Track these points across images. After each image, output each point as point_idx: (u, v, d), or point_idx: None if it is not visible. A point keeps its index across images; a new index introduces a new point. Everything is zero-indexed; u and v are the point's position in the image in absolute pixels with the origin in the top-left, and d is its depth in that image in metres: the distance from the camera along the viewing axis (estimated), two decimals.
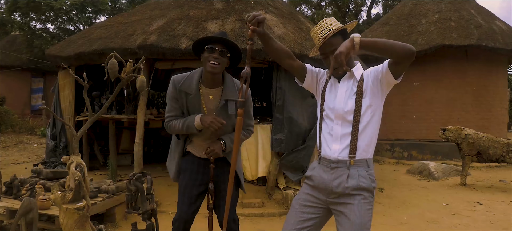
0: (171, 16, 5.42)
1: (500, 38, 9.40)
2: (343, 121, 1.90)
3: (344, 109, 1.90)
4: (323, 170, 1.94)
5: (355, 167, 1.87)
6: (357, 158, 1.88)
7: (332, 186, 1.89)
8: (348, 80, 1.95)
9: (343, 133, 1.89)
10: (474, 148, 6.63)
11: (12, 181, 3.99)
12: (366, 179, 1.87)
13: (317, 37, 1.97)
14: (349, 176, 1.86)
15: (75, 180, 2.88)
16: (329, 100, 1.97)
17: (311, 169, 2.05)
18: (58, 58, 5.72)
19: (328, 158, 1.93)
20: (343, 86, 1.94)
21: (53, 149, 5.83)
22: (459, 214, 5.00)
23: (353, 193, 1.85)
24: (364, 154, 1.89)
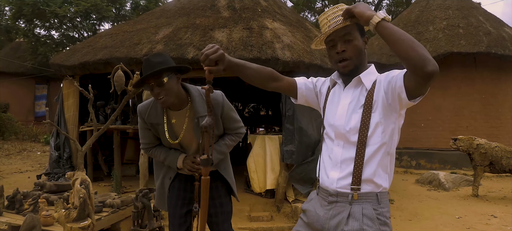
0: (178, 24, 5.33)
1: (510, 45, 9.27)
2: (345, 142, 1.49)
3: (345, 127, 1.49)
4: (320, 203, 1.56)
5: (359, 203, 1.44)
6: (363, 191, 1.45)
7: (329, 226, 1.49)
8: (355, 89, 1.53)
9: (344, 158, 1.48)
10: (486, 158, 6.47)
11: (14, 195, 3.88)
12: (373, 221, 1.42)
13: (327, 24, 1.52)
14: (350, 215, 1.44)
15: (80, 197, 2.77)
16: (330, 115, 1.58)
17: (308, 200, 1.67)
18: (62, 68, 5.63)
19: (326, 189, 1.53)
20: (347, 97, 1.53)
21: (56, 159, 5.72)
22: (474, 228, 4.84)
23: None
24: (373, 186, 1.46)
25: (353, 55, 1.50)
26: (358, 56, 1.51)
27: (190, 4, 6.09)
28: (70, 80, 5.72)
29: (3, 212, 3.72)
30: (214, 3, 6.01)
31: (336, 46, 1.51)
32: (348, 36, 1.49)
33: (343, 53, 1.49)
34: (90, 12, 16.98)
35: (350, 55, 1.49)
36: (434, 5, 10.75)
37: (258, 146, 5.05)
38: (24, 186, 6.63)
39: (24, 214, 3.71)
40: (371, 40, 11.71)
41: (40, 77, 18.45)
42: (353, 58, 1.50)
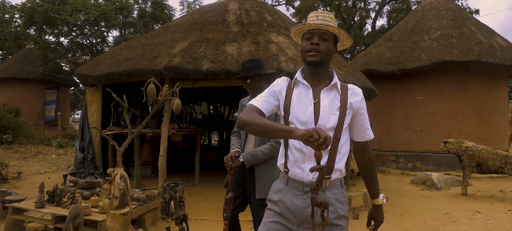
0: (192, 39, 5.93)
1: (499, 54, 9.81)
2: None
3: (326, 125, 1.68)
4: (293, 193, 1.71)
5: (330, 190, 1.69)
6: (333, 178, 1.70)
7: (306, 214, 1.66)
8: (330, 92, 1.75)
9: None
10: (474, 159, 7.02)
11: (54, 190, 4.46)
12: (343, 204, 1.72)
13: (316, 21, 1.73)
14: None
15: (120, 189, 3.35)
16: (300, 113, 1.72)
17: (276, 191, 1.80)
18: (88, 77, 6.24)
19: (299, 180, 1.70)
20: (325, 99, 1.73)
21: (81, 160, 6.31)
22: (459, 222, 5.39)
23: (332, 222, 1.68)
24: (339, 174, 1.73)
25: (324, 51, 1.72)
26: (326, 55, 1.74)
27: (202, 19, 6.70)
28: (94, 88, 6.34)
29: (45, 205, 4.30)
30: (224, 18, 6.61)
31: (313, 38, 1.72)
32: (326, 36, 1.72)
33: (317, 46, 1.71)
34: (99, 20, 17.54)
35: (321, 49, 1.72)
36: (430, 15, 11.32)
37: None
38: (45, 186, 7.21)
39: (64, 206, 4.29)
40: (369, 49, 12.29)
41: (49, 83, 19.06)
42: (322, 53, 1.72)
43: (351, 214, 5.56)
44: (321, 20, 1.72)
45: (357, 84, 6.00)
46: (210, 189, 6.34)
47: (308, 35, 1.74)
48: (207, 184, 6.77)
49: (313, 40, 1.72)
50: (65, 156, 12.29)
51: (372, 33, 23.00)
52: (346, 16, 22.81)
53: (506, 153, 6.99)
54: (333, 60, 6.31)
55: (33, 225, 4.15)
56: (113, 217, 3.28)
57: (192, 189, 6.34)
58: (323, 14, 1.75)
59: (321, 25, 1.70)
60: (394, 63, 10.42)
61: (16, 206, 4.35)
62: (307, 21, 1.78)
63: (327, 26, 1.71)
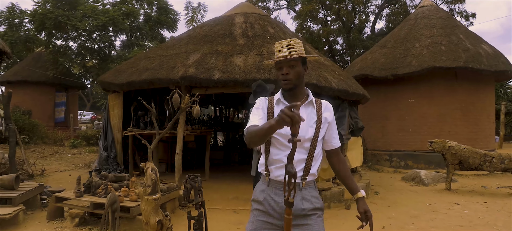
0: (204, 51, 6.71)
1: (485, 61, 10.57)
2: (300, 147, 1.93)
3: (305, 137, 1.93)
4: (274, 192, 1.97)
5: (306, 189, 1.97)
6: (308, 180, 1.98)
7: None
8: (307, 108, 2.00)
9: (299, 158, 1.94)
10: (456, 157, 7.79)
11: (90, 182, 5.25)
12: (318, 199, 2.00)
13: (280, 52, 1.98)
14: (303, 197, 1.95)
15: (152, 179, 4.13)
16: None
17: (260, 191, 2.04)
18: (111, 85, 7.03)
19: (280, 181, 1.94)
20: (303, 114, 1.94)
21: (105, 158, 7.10)
22: (438, 212, 6.16)
23: (309, 213, 1.95)
24: (313, 177, 2.00)
25: (294, 78, 1.96)
26: (297, 79, 1.97)
27: (211, 32, 7.48)
28: (116, 94, 7.12)
29: (83, 195, 5.08)
30: (231, 31, 7.39)
31: (282, 68, 1.97)
32: (293, 63, 1.96)
33: (287, 75, 1.96)
34: (108, 25, 18.27)
35: (291, 77, 1.96)
36: (421, 23, 12.08)
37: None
38: (69, 182, 7.98)
39: (99, 196, 5.08)
40: (365, 55, 13.06)
41: (59, 86, 19.83)
42: (293, 80, 1.96)
43: (343, 205, 6.34)
44: (285, 51, 1.96)
45: (349, 90, 6.77)
46: (219, 183, 7.12)
47: (278, 66, 2.00)
48: (216, 179, 7.55)
49: (282, 71, 1.98)
50: (80, 155, 13.08)
51: (371, 36, 23.60)
52: (346, 20, 23.46)
53: (485, 152, 7.75)
54: (328, 69, 7.10)
55: (74, 211, 4.93)
56: (147, 201, 4.06)
57: (203, 184, 7.02)
58: (286, 44, 1.98)
59: (285, 58, 1.95)
60: (388, 69, 11.19)
61: (59, 195, 5.14)
62: (275, 53, 2.03)
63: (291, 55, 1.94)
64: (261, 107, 2.04)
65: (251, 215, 2.06)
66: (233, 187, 6.69)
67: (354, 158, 7.98)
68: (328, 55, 22.48)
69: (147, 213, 4.10)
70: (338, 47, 24.89)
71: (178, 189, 5.74)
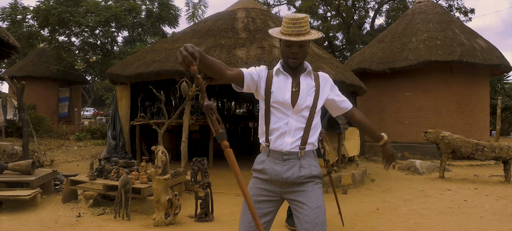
0: (208, 44, 7.04)
1: (479, 55, 10.89)
2: (298, 115, 1.98)
3: (303, 104, 1.97)
4: (274, 162, 1.99)
5: (305, 158, 1.99)
6: (307, 149, 2.00)
7: (286, 176, 1.96)
8: (307, 77, 2.04)
9: (297, 127, 1.98)
10: (449, 147, 8.12)
11: (102, 167, 5.59)
12: (316, 167, 2.01)
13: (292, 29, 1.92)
14: (301, 166, 1.97)
15: (162, 161, 4.48)
16: (279, 97, 1.98)
17: (259, 162, 2.07)
18: (119, 77, 7.37)
19: (279, 151, 1.98)
20: (304, 83, 2.01)
21: (114, 146, 7.44)
22: (430, 196, 6.50)
23: (306, 181, 1.97)
24: (311, 146, 2.02)
25: (302, 57, 1.99)
26: (304, 58, 2.01)
27: (214, 27, 7.81)
28: (123, 85, 7.45)
29: (96, 178, 5.42)
30: (233, 26, 7.72)
31: (292, 47, 1.94)
32: (303, 43, 1.94)
33: (296, 54, 1.96)
34: (110, 21, 18.53)
35: (300, 56, 1.98)
36: (418, 19, 12.39)
37: None
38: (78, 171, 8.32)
39: (111, 179, 5.42)
40: (363, 49, 13.38)
41: (63, 81, 20.15)
42: (301, 59, 1.99)
43: (340, 190, 6.68)
44: (297, 29, 1.90)
45: (347, 82, 7.10)
46: (222, 171, 7.46)
47: (288, 43, 1.95)
48: (219, 167, 7.89)
49: (292, 49, 1.95)
50: (85, 148, 13.44)
51: (371, 32, 23.84)
52: (345, 15, 23.70)
53: (477, 141, 8.09)
54: (326, 61, 7.43)
55: (88, 193, 5.28)
56: (158, 181, 4.41)
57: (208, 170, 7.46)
58: (299, 21, 1.91)
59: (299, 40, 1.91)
60: (385, 63, 11.52)
61: (74, 179, 5.49)
62: (283, 26, 1.95)
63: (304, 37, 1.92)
64: (258, 70, 2.03)
65: (250, 181, 2.09)
66: None
67: (352, 147, 8.34)
68: (328, 51, 22.73)
69: (158, 192, 4.45)
70: (338, 43, 25.16)
71: (185, 174, 6.08)
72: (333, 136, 7.10)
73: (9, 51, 9.68)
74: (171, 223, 4.50)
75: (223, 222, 4.71)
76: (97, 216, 4.85)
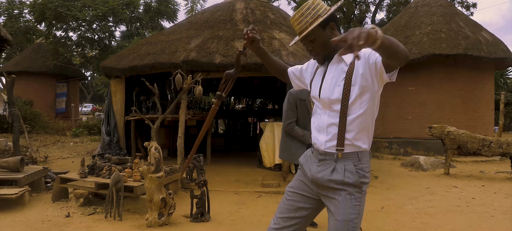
0: (205, 36, 6.77)
1: (485, 48, 10.61)
2: (330, 110, 1.77)
3: (330, 97, 1.76)
4: (312, 160, 1.86)
5: (342, 161, 1.74)
6: (346, 151, 1.73)
7: (317, 177, 1.79)
8: (337, 65, 1.78)
9: (329, 123, 1.77)
10: (455, 142, 7.86)
11: (94, 164, 5.34)
12: (353, 174, 1.72)
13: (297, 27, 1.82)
14: (334, 169, 1.74)
15: (155, 158, 4.22)
16: (314, 88, 1.87)
17: (304, 155, 1.98)
18: (113, 70, 7.10)
19: (317, 149, 1.83)
20: (330, 72, 1.79)
21: (108, 142, 7.19)
22: (436, 194, 6.25)
23: (338, 187, 1.73)
24: (354, 147, 1.74)
25: (319, 50, 1.81)
26: (324, 49, 1.79)
27: (212, 18, 7.53)
28: (118, 79, 7.19)
29: (87, 175, 5.17)
30: (232, 17, 7.44)
31: (306, 45, 1.86)
32: (311, 37, 1.77)
33: (311, 51, 1.84)
34: (107, 15, 18.26)
35: (316, 51, 1.82)
36: (422, 11, 12.09)
37: (268, 131, 6.51)
38: (72, 167, 8.09)
39: (103, 177, 5.17)
40: None
41: (60, 76, 19.87)
42: (320, 52, 1.81)
43: None
44: (299, 28, 1.80)
45: None
46: (221, 167, 7.23)
47: (303, 41, 1.85)
48: (217, 164, 7.65)
49: (306, 48, 1.87)
50: (82, 144, 13.19)
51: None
52: (346, 10, 23.45)
53: (483, 137, 7.82)
54: None
55: (79, 191, 5.03)
56: (150, 179, 4.15)
57: (205, 167, 7.20)
58: (299, 16, 1.79)
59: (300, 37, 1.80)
60: None
61: (64, 177, 5.24)
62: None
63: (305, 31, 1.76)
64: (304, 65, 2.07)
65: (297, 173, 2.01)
66: (235, 171, 6.79)
67: None
68: None
69: (151, 190, 4.20)
70: None
71: (180, 171, 5.83)
72: None
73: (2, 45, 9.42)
74: (165, 224, 4.25)
75: (220, 222, 4.47)
76: (87, 216, 4.60)
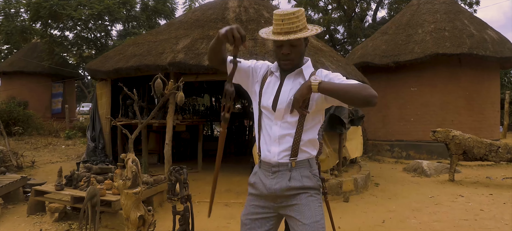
0: (195, 36, 6.36)
1: (490, 47, 10.18)
2: (281, 121, 1.76)
3: (283, 109, 1.76)
4: (264, 175, 1.82)
5: (296, 169, 1.78)
6: (299, 159, 1.78)
7: (274, 189, 1.77)
8: (295, 78, 1.80)
9: (281, 134, 1.76)
10: (460, 147, 7.45)
11: (71, 175, 4.95)
12: (310, 178, 1.78)
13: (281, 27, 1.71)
14: (291, 177, 1.76)
15: (132, 171, 3.82)
16: (267, 98, 1.81)
17: (253, 174, 1.92)
18: (97, 72, 6.70)
19: (268, 162, 1.80)
20: (288, 84, 1.79)
21: (93, 149, 6.80)
22: (441, 204, 5.84)
23: (298, 192, 1.76)
24: (306, 155, 1.79)
25: (295, 57, 1.77)
26: (298, 58, 1.79)
27: (203, 17, 7.13)
28: (104, 82, 6.80)
29: (64, 188, 4.78)
30: (224, 16, 7.04)
31: (283, 47, 1.74)
32: (296, 42, 1.73)
33: (288, 55, 1.75)
34: (103, 14, 17.91)
35: (293, 57, 1.77)
36: (424, 9, 11.67)
37: None
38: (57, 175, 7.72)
39: (81, 189, 4.78)
40: (365, 42, 12.68)
41: (56, 76, 19.52)
42: (295, 60, 1.78)
43: (342, 197, 6.03)
44: (287, 27, 1.69)
45: (348, 76, 6.41)
46: (212, 175, 6.79)
47: (278, 43, 1.76)
48: (209, 171, 7.25)
49: (283, 50, 1.75)
50: (74, 147, 12.81)
51: (373, 25, 23.20)
52: (347, 8, 23.03)
53: (490, 141, 7.41)
54: (326, 54, 6.75)
55: (53, 205, 4.64)
56: (127, 195, 3.75)
57: (195, 175, 6.82)
58: (288, 18, 1.69)
59: (287, 39, 1.70)
60: (389, 56, 10.82)
61: (38, 189, 4.85)
62: (273, 25, 1.75)
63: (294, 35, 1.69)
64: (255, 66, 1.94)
65: (246, 199, 1.95)
66: (226, 179, 6.39)
67: (354, 148, 7.67)
68: (329, 44, 22.04)
69: (127, 208, 3.80)
70: (339, 36, 24.50)
71: (167, 182, 5.43)
72: (334, 137, 6.43)
73: None
74: None
75: None
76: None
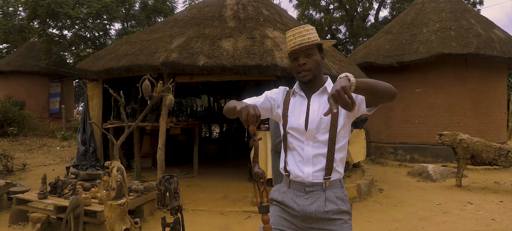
0: (190, 34, 6.05)
1: (498, 47, 9.83)
2: (313, 141, 1.77)
3: (315, 128, 1.76)
4: (296, 194, 1.81)
5: (330, 189, 1.77)
6: (332, 179, 1.77)
7: (309, 211, 1.76)
8: (321, 96, 1.81)
9: (315, 153, 1.77)
10: (468, 151, 7.12)
11: (56, 182, 4.64)
12: (344, 201, 1.79)
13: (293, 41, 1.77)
14: (326, 199, 1.76)
15: (117, 181, 3.51)
16: (295, 120, 1.82)
17: (280, 192, 1.88)
18: (88, 72, 6.39)
19: (301, 182, 1.79)
20: (315, 103, 1.81)
21: (83, 153, 6.50)
22: (450, 213, 5.52)
23: (334, 217, 1.76)
24: (338, 174, 1.79)
25: (313, 67, 1.78)
26: (317, 68, 1.79)
27: (199, 15, 6.82)
28: (95, 82, 6.49)
29: (47, 196, 4.48)
30: (221, 13, 6.72)
31: (299, 59, 1.78)
32: (310, 51, 1.77)
33: (304, 66, 1.77)
34: (101, 13, 17.63)
35: (309, 67, 1.78)
36: (429, 8, 11.33)
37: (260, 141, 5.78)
38: (49, 177, 7.42)
39: (65, 197, 4.48)
40: (368, 41, 12.34)
41: (54, 76, 19.23)
42: (312, 70, 1.78)
43: None
44: (299, 39, 1.76)
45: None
46: (208, 181, 6.50)
47: (294, 56, 1.80)
48: (205, 176, 6.94)
49: (299, 61, 1.78)
50: (69, 148, 12.52)
51: (375, 24, 22.90)
52: (349, 7, 22.71)
53: (500, 145, 7.08)
54: (328, 54, 6.43)
55: (36, 215, 4.33)
56: (111, 207, 3.45)
57: (190, 181, 6.50)
58: (299, 31, 1.78)
59: (299, 46, 1.74)
60: (393, 56, 10.48)
61: (20, 197, 4.55)
62: (287, 44, 1.82)
63: (307, 42, 1.74)
64: (269, 96, 1.93)
65: (271, 209, 1.76)
66: (223, 185, 6.07)
67: (357, 152, 7.36)
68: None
69: (111, 220, 3.49)
70: (341, 36, 24.16)
71: (156, 189, 5.12)
72: None
73: None
74: None
75: None
76: None
